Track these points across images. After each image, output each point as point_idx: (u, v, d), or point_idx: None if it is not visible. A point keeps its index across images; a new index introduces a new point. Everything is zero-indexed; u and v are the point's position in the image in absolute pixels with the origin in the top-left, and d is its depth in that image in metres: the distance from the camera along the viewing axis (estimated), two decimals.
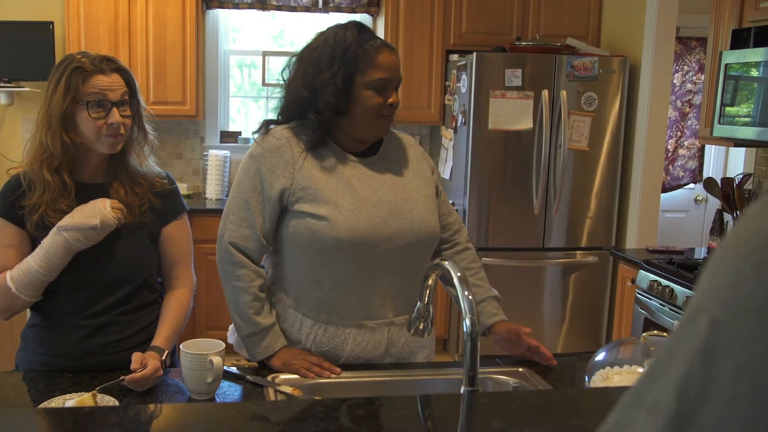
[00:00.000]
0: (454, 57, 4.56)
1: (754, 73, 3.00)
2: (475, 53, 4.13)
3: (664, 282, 3.09)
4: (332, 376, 1.78)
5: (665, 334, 1.67)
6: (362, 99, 1.78)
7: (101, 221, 1.71)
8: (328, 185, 1.80)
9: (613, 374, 1.60)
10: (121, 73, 1.78)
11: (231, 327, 2.00)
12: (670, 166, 5.30)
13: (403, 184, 1.89)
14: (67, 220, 1.71)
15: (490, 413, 1.37)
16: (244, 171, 1.86)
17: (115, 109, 1.74)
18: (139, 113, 1.83)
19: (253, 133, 1.92)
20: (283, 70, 1.91)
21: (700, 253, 3.55)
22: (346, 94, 1.77)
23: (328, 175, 1.81)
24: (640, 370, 1.60)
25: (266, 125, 1.89)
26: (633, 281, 3.34)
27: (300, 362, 1.78)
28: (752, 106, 3.01)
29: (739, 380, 0.46)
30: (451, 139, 4.50)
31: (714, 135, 3.22)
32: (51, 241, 1.70)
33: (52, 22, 4.40)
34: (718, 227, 3.52)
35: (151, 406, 1.43)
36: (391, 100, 1.80)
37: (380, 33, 4.78)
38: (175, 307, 1.87)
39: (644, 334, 1.68)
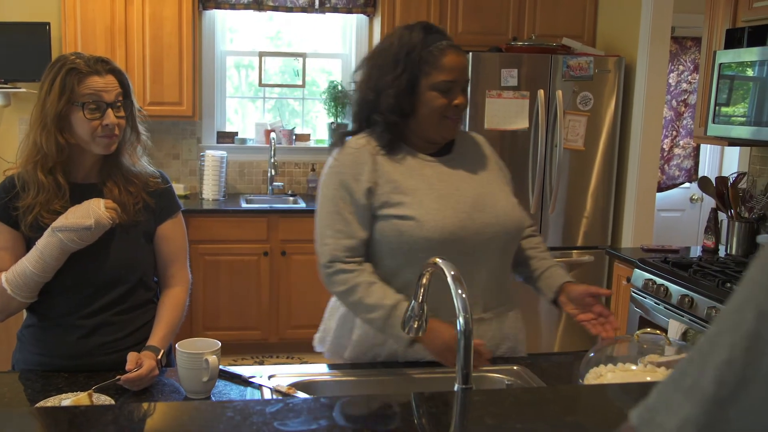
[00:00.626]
0: None
1: (750, 72, 3.01)
2: (471, 53, 4.14)
3: (659, 281, 3.10)
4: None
5: (658, 332, 1.68)
6: (427, 100, 1.79)
7: (96, 221, 1.72)
8: (410, 186, 1.81)
9: (606, 372, 1.61)
10: (116, 74, 1.79)
11: (317, 336, 2.03)
12: (666, 166, 5.31)
13: (482, 179, 1.90)
14: (61, 221, 1.71)
15: (483, 410, 1.38)
16: (327, 186, 1.85)
17: (110, 110, 1.75)
18: (133, 114, 1.84)
19: (330, 145, 1.93)
20: (355, 71, 1.92)
21: (696, 252, 3.56)
22: (410, 95, 1.79)
23: (408, 176, 1.82)
24: (634, 367, 1.61)
25: (341, 137, 1.90)
26: (628, 280, 3.35)
27: (455, 343, 1.68)
28: (747, 105, 3.02)
29: None
30: None
31: (708, 134, 3.23)
32: (45, 242, 1.71)
33: (48, 23, 4.40)
34: (713, 226, 3.53)
35: (146, 405, 1.43)
36: (456, 101, 1.80)
37: (376, 34, 4.80)
38: (170, 306, 1.87)
39: (638, 332, 1.69)
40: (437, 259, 1.50)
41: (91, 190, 1.81)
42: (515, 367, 1.84)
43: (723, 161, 5.30)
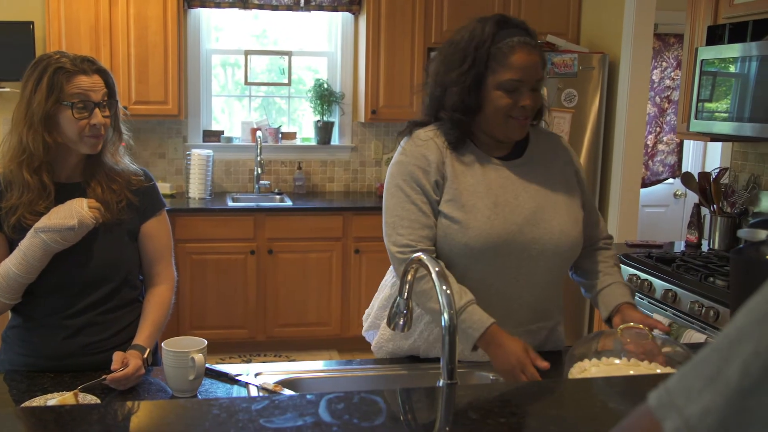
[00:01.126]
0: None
1: (731, 69, 3.04)
2: None
3: (643, 276, 3.12)
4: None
5: (641, 326, 1.70)
6: (492, 99, 1.73)
7: (79, 221, 1.72)
8: (468, 187, 1.77)
9: (590, 366, 1.62)
10: (101, 74, 1.78)
11: (366, 311, 2.01)
12: (650, 162, 5.35)
13: (547, 190, 1.82)
14: (44, 222, 1.70)
15: (468, 405, 1.39)
16: (397, 176, 1.80)
17: (97, 110, 1.75)
18: (117, 114, 1.83)
19: (399, 134, 1.88)
20: (429, 63, 1.87)
21: (679, 247, 3.59)
22: (476, 93, 1.73)
23: (469, 177, 1.78)
24: (617, 361, 1.63)
25: (410, 128, 1.86)
26: None
27: (520, 371, 1.66)
28: (729, 101, 3.05)
29: None
30: None
31: (691, 130, 3.26)
32: (28, 243, 1.70)
33: (32, 22, 4.38)
34: (696, 221, 3.56)
35: (131, 404, 1.43)
36: (523, 102, 1.73)
37: (362, 32, 4.80)
38: (155, 304, 1.87)
39: (621, 326, 1.70)
40: (421, 255, 1.50)
41: (75, 189, 1.81)
42: None
43: (706, 157, 5.35)
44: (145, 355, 1.73)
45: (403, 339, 1.89)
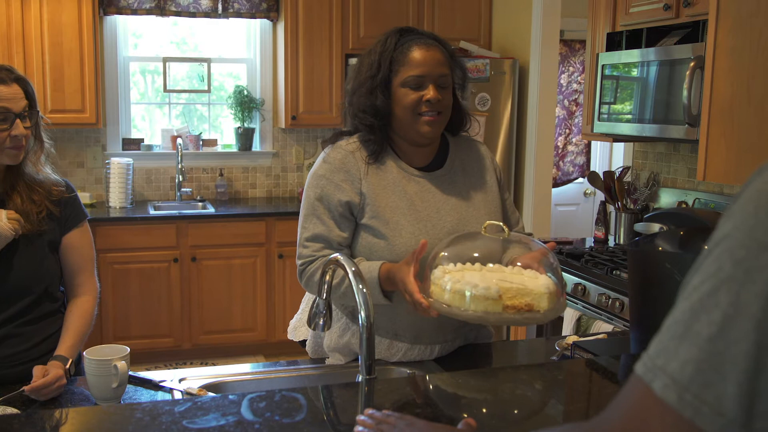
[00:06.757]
0: (353, 61, 4.66)
1: (631, 73, 3.23)
2: None
3: None
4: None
5: (500, 223, 1.69)
6: (398, 98, 1.78)
7: None
8: (390, 203, 1.80)
9: (453, 270, 1.62)
10: (21, 83, 1.76)
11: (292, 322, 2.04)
12: (561, 162, 5.56)
13: (467, 202, 1.87)
14: None
15: (385, 398, 1.46)
16: (309, 189, 1.85)
17: (18, 121, 1.73)
18: (38, 124, 1.82)
19: (323, 142, 1.91)
20: (348, 79, 1.92)
21: (589, 243, 3.77)
22: (384, 95, 1.78)
23: (390, 192, 1.81)
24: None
25: (335, 137, 1.89)
26: None
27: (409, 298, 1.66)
28: (631, 104, 3.24)
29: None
30: None
31: (594, 131, 3.44)
32: None
33: None
34: (603, 218, 3.75)
35: (53, 412, 1.45)
36: (427, 96, 1.76)
37: (280, 38, 4.84)
38: (78, 315, 1.87)
39: (487, 222, 1.70)
40: (338, 256, 1.56)
41: None
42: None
43: (612, 157, 5.59)
44: (68, 366, 1.72)
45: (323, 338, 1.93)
